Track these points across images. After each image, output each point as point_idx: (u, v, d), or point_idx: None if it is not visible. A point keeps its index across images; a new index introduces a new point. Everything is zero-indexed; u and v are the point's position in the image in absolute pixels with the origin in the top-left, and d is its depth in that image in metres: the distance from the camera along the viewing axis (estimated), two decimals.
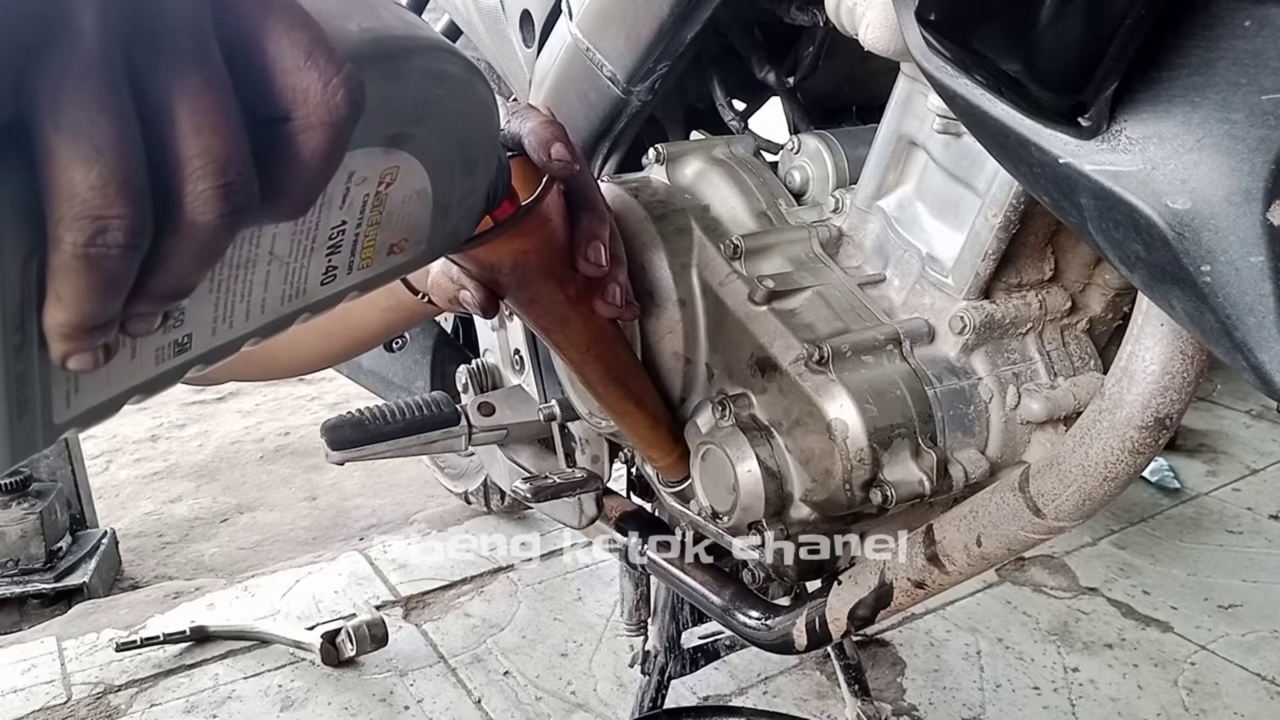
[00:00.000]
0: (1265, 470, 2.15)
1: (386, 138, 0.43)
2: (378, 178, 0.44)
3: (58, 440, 0.37)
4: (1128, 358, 0.52)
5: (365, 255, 0.47)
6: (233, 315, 0.41)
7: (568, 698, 1.48)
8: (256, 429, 2.77)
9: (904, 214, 0.70)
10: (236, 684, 1.52)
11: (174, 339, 0.39)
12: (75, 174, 0.28)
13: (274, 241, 0.41)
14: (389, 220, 0.46)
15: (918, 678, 1.51)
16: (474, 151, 0.50)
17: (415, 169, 0.46)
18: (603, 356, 0.69)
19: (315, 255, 0.44)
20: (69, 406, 0.36)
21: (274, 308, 0.43)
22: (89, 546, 1.96)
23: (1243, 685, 1.48)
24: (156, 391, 0.41)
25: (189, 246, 0.32)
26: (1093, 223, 0.40)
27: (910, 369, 0.66)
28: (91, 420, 0.38)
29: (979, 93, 0.42)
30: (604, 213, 0.63)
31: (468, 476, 1.90)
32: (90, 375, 0.36)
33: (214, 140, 0.30)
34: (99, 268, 0.29)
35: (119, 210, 0.29)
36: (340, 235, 0.44)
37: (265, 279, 0.42)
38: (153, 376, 0.40)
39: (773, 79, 0.93)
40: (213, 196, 0.31)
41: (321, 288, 0.45)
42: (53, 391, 0.35)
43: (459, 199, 0.51)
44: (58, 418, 0.36)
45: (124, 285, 0.31)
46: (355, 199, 0.44)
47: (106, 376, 0.37)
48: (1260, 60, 0.34)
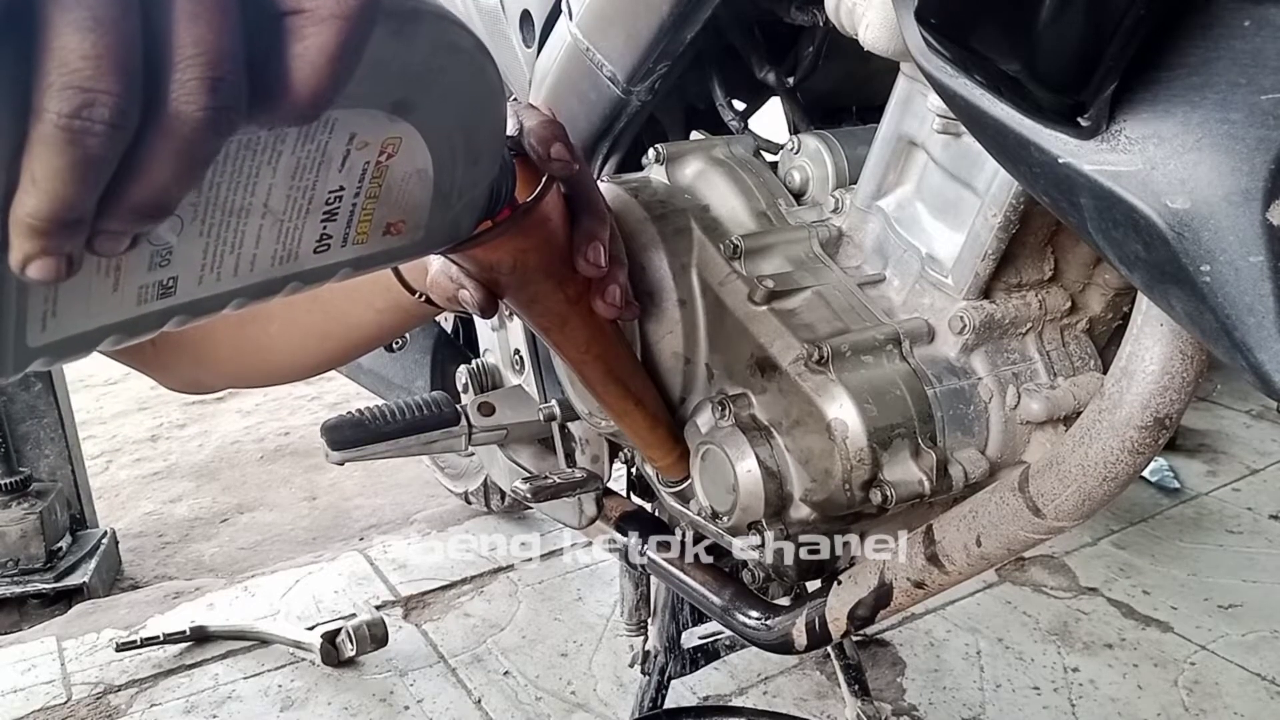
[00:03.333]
0: (1265, 470, 2.15)
1: (391, 102, 0.42)
2: (379, 145, 0.43)
3: (27, 369, 0.36)
4: (1127, 358, 0.52)
5: (361, 230, 0.46)
6: (221, 266, 0.41)
7: (568, 698, 1.48)
8: (256, 429, 2.77)
9: (904, 214, 0.70)
10: (236, 684, 1.52)
11: (159, 279, 0.39)
12: (70, 40, 0.28)
13: (270, 193, 0.40)
14: (388, 195, 0.46)
15: (918, 678, 1.51)
16: (479, 140, 0.49)
17: (418, 145, 0.45)
18: (602, 356, 0.69)
19: (310, 218, 0.43)
20: (44, 330, 0.35)
21: (264, 267, 0.42)
22: (89, 546, 1.96)
23: (1243, 685, 1.48)
24: (136, 335, 0.40)
25: (170, 144, 0.31)
26: (1092, 223, 0.40)
27: (910, 369, 0.66)
28: (65, 353, 0.37)
29: (979, 93, 0.42)
30: (604, 213, 0.63)
31: (468, 476, 1.90)
32: (69, 300, 0.35)
33: (208, 31, 0.30)
34: (79, 145, 0.29)
35: (108, 85, 0.28)
36: (337, 202, 0.44)
37: (258, 233, 0.41)
38: (133, 317, 0.39)
39: (773, 79, 0.93)
40: (199, 89, 0.30)
41: (314, 255, 0.45)
42: (29, 309, 0.34)
43: (460, 190, 0.50)
44: (31, 340, 0.35)
45: (102, 174, 0.30)
46: (355, 164, 0.43)
47: (86, 306, 0.36)
48: (1260, 60, 0.34)
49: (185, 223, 0.38)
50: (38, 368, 0.37)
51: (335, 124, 0.40)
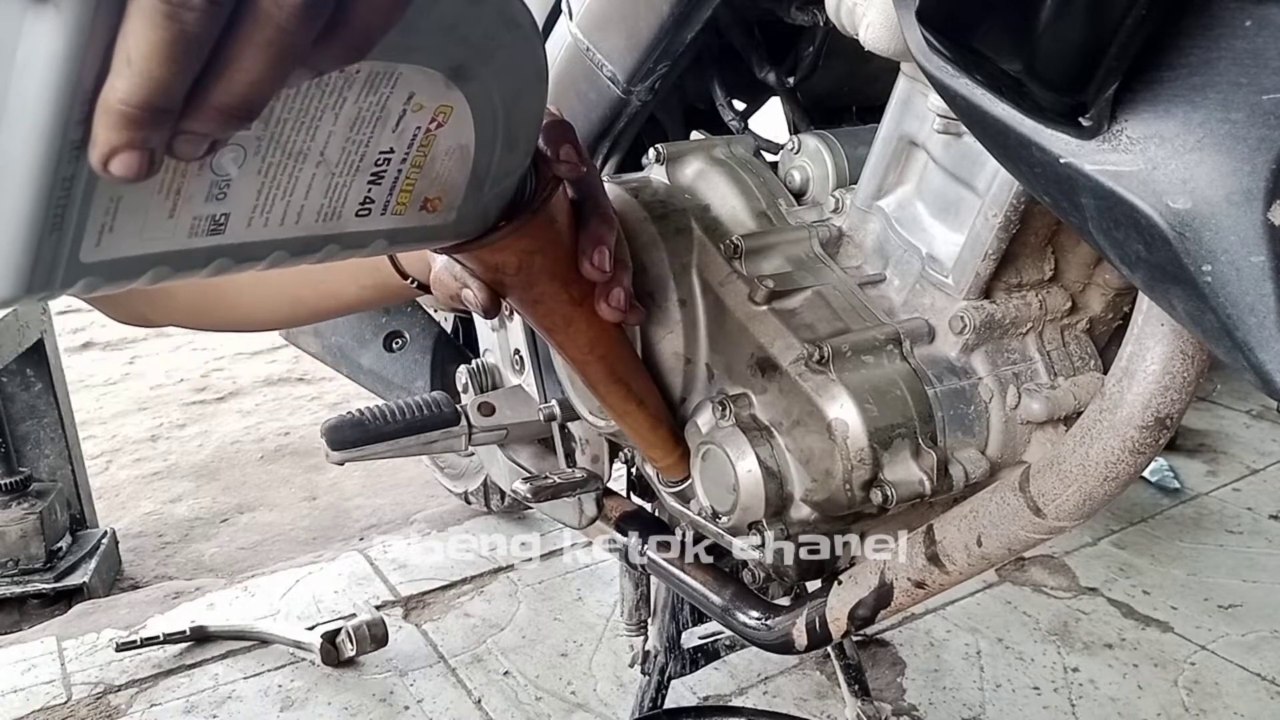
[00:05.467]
0: (1265, 470, 2.15)
1: (451, 66, 0.43)
2: (432, 112, 0.45)
3: (72, 288, 0.36)
4: (1128, 358, 0.52)
5: (401, 199, 0.47)
6: (271, 211, 0.42)
7: (568, 698, 1.48)
8: (256, 429, 2.77)
9: (904, 214, 0.70)
10: (236, 684, 1.52)
11: (213, 213, 0.39)
12: None
13: (328, 141, 0.41)
14: (430, 167, 0.47)
15: (918, 678, 1.51)
16: (518, 126, 0.50)
17: (465, 118, 0.46)
18: (605, 357, 0.69)
19: (359, 176, 0.44)
20: (98, 245, 0.36)
21: (309, 221, 0.44)
22: (89, 546, 1.96)
23: (1243, 685, 1.48)
24: (179, 272, 0.40)
25: (263, 34, 0.31)
26: (1093, 223, 0.40)
27: (910, 369, 0.66)
28: (112, 276, 0.37)
29: (979, 93, 0.42)
30: (611, 217, 0.63)
31: (468, 476, 1.90)
32: (127, 218, 0.36)
33: None
34: (178, 20, 0.29)
35: None
36: (385, 164, 0.45)
37: (309, 182, 0.42)
38: (182, 249, 0.39)
39: (773, 79, 0.93)
40: None
41: (356, 219, 0.46)
42: (89, 220, 0.35)
43: (494, 177, 0.51)
44: (85, 254, 0.35)
45: (196, 56, 0.30)
46: (408, 127, 0.44)
47: (142, 228, 0.37)
48: (1260, 60, 0.34)
49: (248, 155, 0.39)
50: (79, 291, 0.37)
51: (399, 79, 0.42)
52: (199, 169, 0.38)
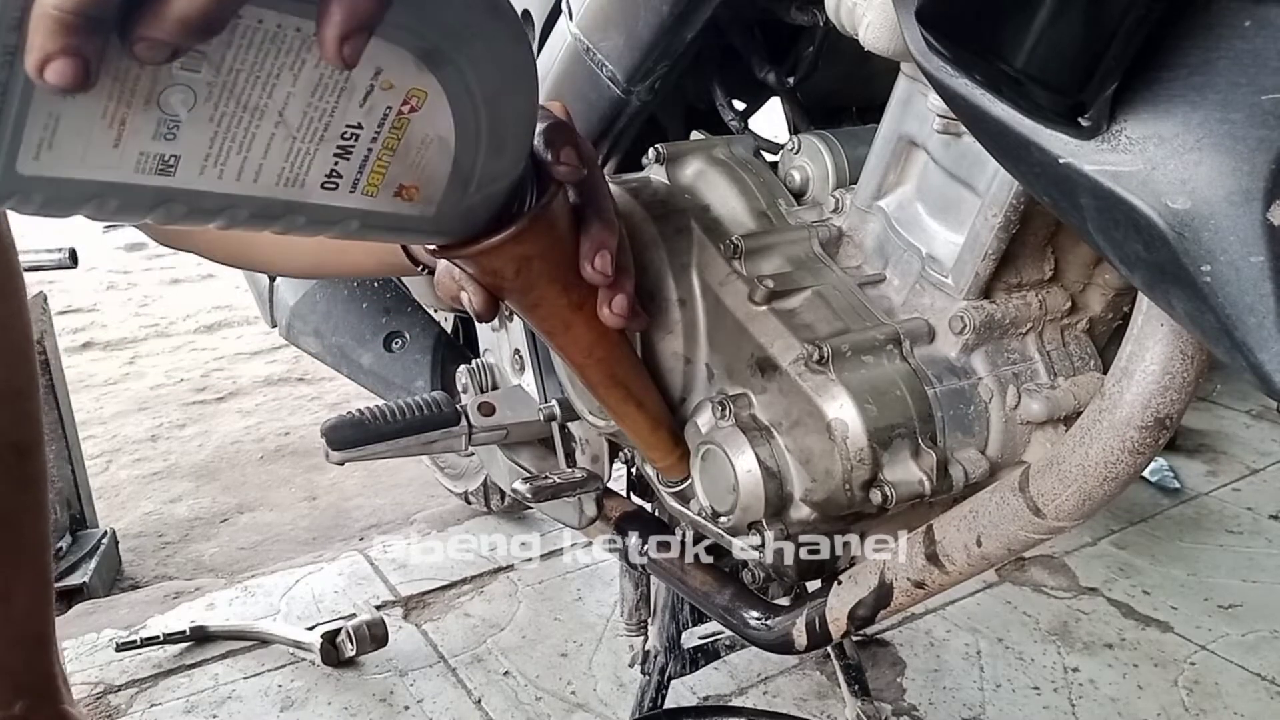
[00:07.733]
0: (1265, 470, 2.15)
1: (422, 48, 0.43)
2: (403, 94, 0.44)
3: (9, 201, 0.36)
4: (1128, 358, 0.52)
5: (373, 180, 0.46)
6: (225, 163, 0.41)
7: (568, 698, 1.48)
8: (256, 429, 2.77)
9: (904, 214, 0.70)
10: (236, 684, 1.52)
11: (161, 152, 0.39)
12: None
13: (287, 102, 0.41)
14: (405, 153, 0.46)
15: (918, 678, 1.51)
16: (505, 126, 0.49)
17: (442, 107, 0.45)
18: (605, 360, 0.69)
19: (324, 147, 0.43)
20: (37, 159, 0.35)
21: (268, 183, 0.43)
22: (89, 546, 1.95)
23: (1243, 685, 1.48)
24: (125, 210, 0.40)
25: None
26: (1093, 223, 0.40)
27: (910, 369, 0.66)
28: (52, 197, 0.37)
29: (979, 93, 0.42)
30: (614, 221, 0.62)
31: (468, 476, 1.90)
32: (69, 137, 0.36)
33: None
34: None
35: None
36: (354, 139, 0.44)
37: (268, 142, 0.41)
38: (127, 183, 0.39)
39: (773, 79, 0.93)
40: None
41: (321, 190, 0.45)
42: (26, 129, 0.34)
43: (481, 179, 0.50)
44: (22, 166, 0.35)
45: None
46: (377, 105, 0.43)
47: (84, 152, 0.37)
48: (1260, 60, 0.34)
49: (198, 99, 0.38)
50: (18, 204, 0.36)
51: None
52: (145, 103, 0.37)
